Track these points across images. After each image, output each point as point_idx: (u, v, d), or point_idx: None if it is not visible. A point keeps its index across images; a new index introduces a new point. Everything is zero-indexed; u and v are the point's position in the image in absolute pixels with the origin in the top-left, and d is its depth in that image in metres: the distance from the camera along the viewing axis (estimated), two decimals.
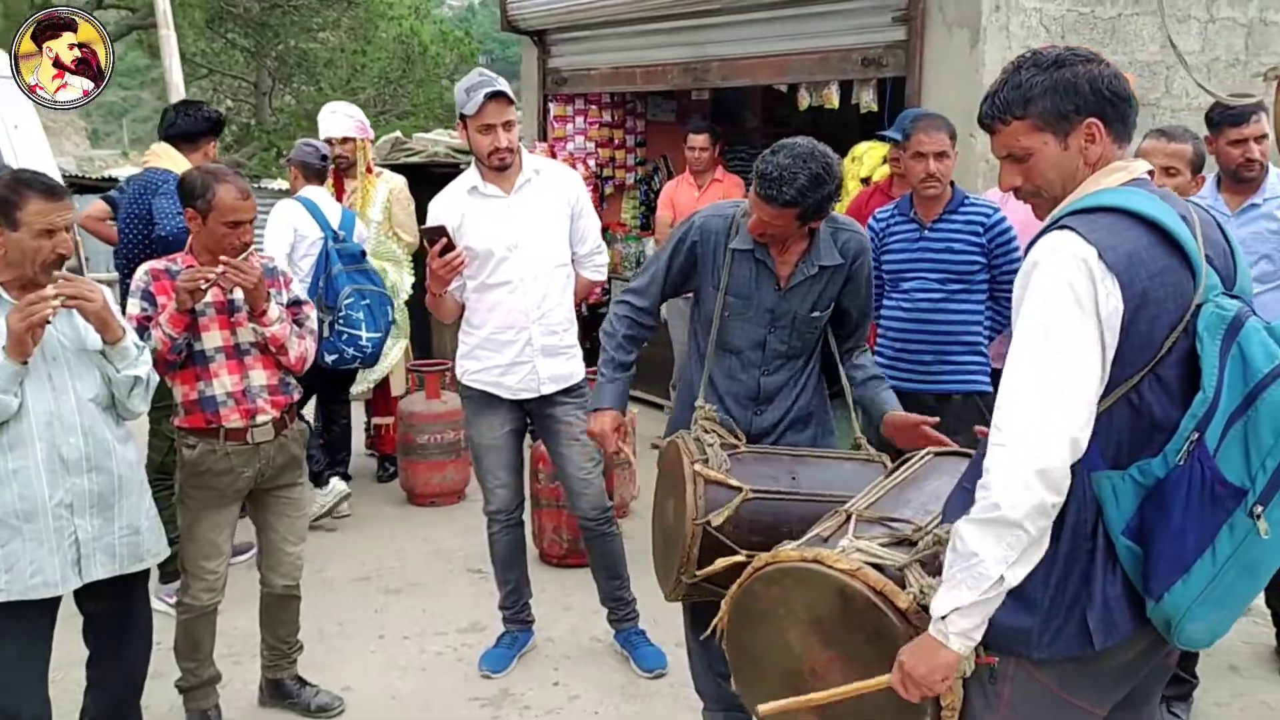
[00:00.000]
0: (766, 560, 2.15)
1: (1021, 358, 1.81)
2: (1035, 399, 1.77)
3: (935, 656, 1.85)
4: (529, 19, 7.49)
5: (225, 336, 3.41)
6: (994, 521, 1.77)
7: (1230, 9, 6.34)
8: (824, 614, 2.07)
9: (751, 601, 2.19)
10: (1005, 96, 1.95)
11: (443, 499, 5.80)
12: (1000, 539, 1.77)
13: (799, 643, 2.12)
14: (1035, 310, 1.80)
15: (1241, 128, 3.51)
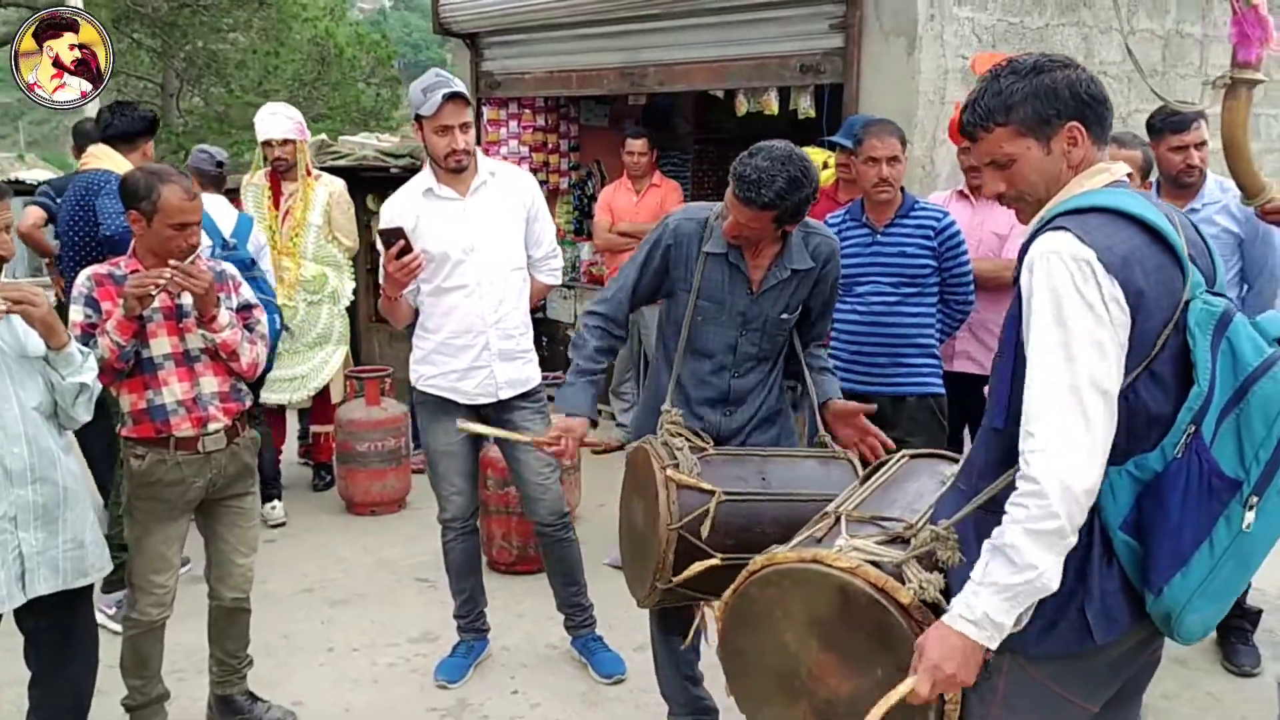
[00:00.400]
0: (762, 563, 2.15)
1: (1047, 363, 1.80)
2: (1064, 406, 1.78)
3: (976, 657, 1.86)
4: (462, 21, 7.41)
5: (174, 343, 3.31)
6: (1051, 533, 1.77)
7: (1149, 21, 6.56)
8: (823, 614, 2.07)
9: (747, 606, 2.18)
10: (986, 104, 1.98)
11: (383, 508, 5.70)
12: (1053, 548, 1.78)
13: (797, 644, 2.12)
14: (1048, 317, 1.81)
15: (1183, 134, 3.63)
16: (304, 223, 5.58)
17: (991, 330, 4.19)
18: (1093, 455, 1.79)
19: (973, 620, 1.85)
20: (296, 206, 5.56)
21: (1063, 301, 1.80)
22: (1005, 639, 1.93)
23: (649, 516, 2.76)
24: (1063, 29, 6.07)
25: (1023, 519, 1.80)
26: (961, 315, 4.04)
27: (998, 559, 1.83)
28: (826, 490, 2.82)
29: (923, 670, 1.89)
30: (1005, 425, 1.94)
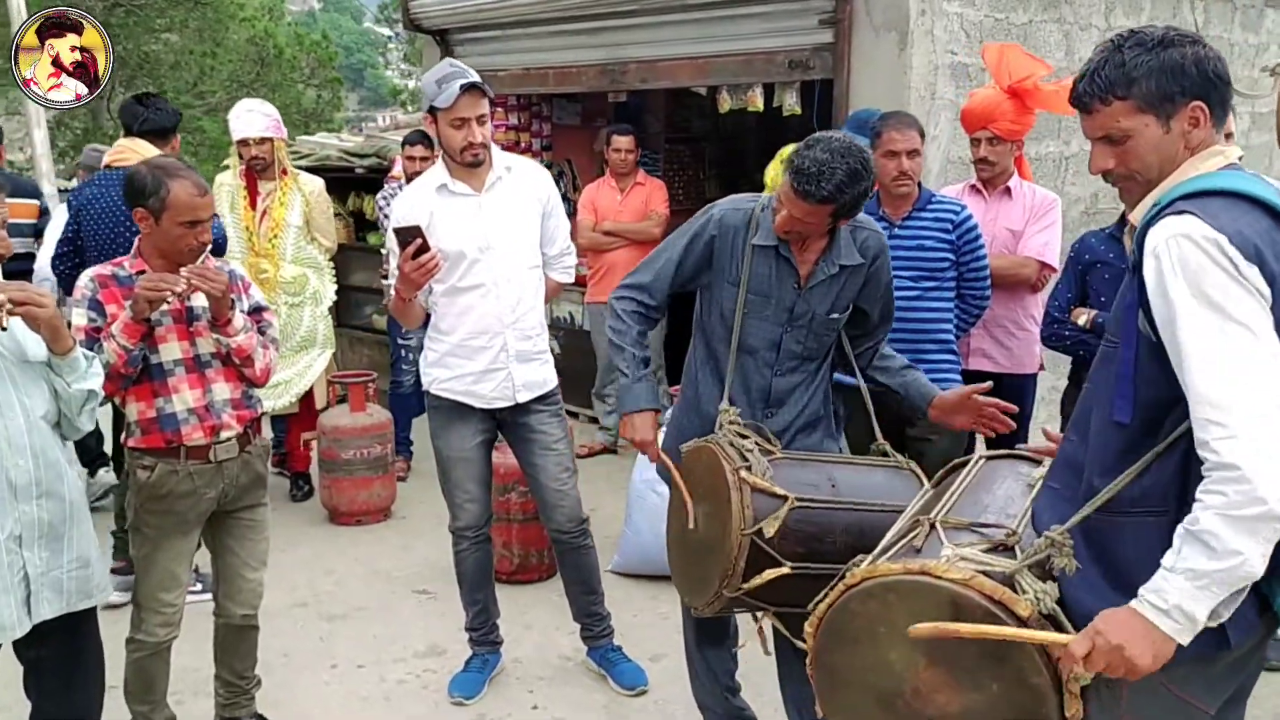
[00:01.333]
0: (863, 575, 2.05)
1: (1203, 343, 1.71)
2: (1250, 387, 1.68)
3: (1166, 649, 1.75)
4: (433, 17, 7.23)
5: (185, 348, 3.13)
6: (1255, 518, 1.66)
7: (1125, 19, 6.60)
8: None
9: (846, 620, 2.07)
10: (1107, 75, 1.89)
11: (369, 517, 5.52)
12: (1259, 534, 1.67)
13: (901, 661, 2.02)
14: (1198, 304, 1.72)
15: None
16: (283, 223, 5.38)
17: (1006, 327, 4.15)
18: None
19: (1163, 609, 1.73)
20: (274, 207, 5.36)
21: (1206, 283, 1.72)
22: None
23: (715, 520, 2.65)
24: (1045, 25, 6.08)
25: (1220, 505, 1.68)
26: (978, 311, 3.99)
27: (1192, 545, 1.71)
28: (896, 500, 2.73)
29: (1086, 633, 1.78)
30: (1131, 419, 1.85)
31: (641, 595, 4.52)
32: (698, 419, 2.96)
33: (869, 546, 2.63)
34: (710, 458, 2.72)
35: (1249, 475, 1.66)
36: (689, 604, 2.83)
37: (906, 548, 2.12)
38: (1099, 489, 1.90)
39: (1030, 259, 4.07)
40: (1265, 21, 7.76)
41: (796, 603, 2.75)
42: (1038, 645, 1.86)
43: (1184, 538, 1.74)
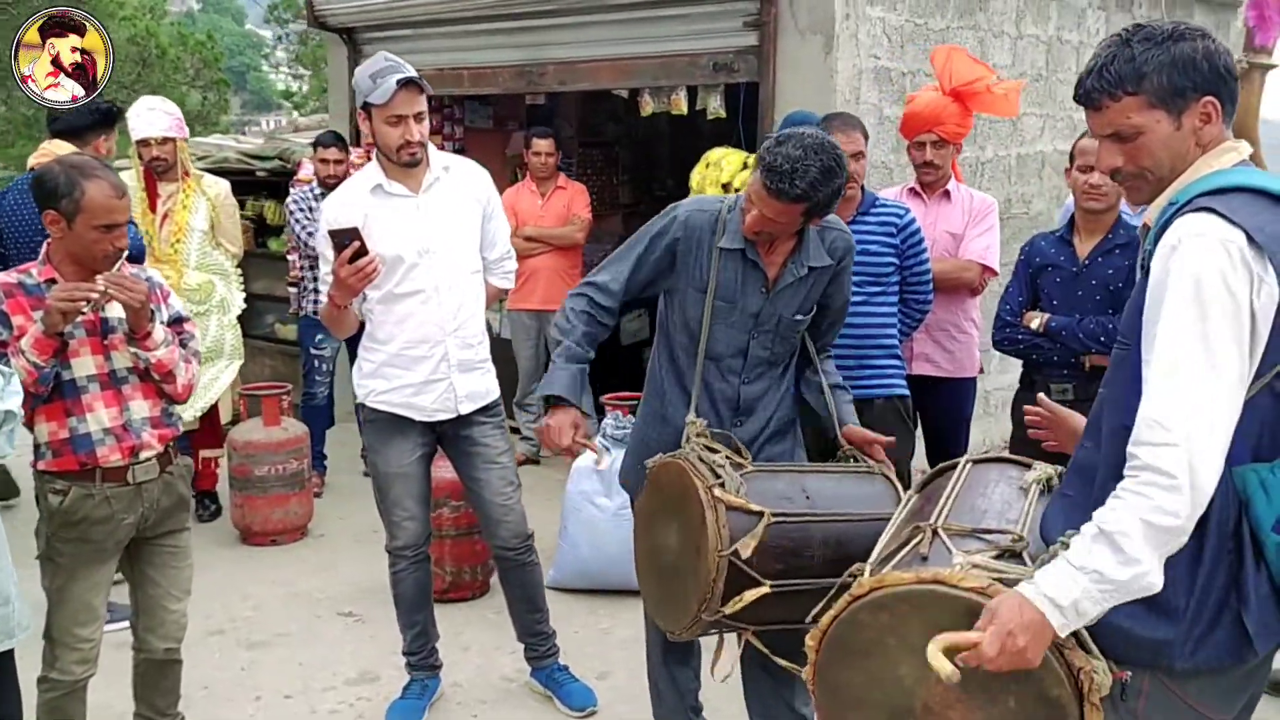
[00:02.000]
0: (871, 585, 1.94)
1: (1180, 355, 1.67)
2: (1202, 403, 1.66)
3: (1046, 638, 1.71)
4: (339, 15, 6.97)
5: (99, 363, 2.89)
6: (1170, 530, 1.64)
7: (1034, 27, 6.72)
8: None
9: (853, 634, 1.97)
10: (1116, 70, 1.82)
11: (285, 536, 5.25)
12: (1163, 546, 1.65)
13: (913, 675, 1.91)
14: (1188, 302, 1.68)
15: None
16: (186, 228, 5.08)
17: (948, 331, 4.13)
18: (1219, 459, 1.68)
19: (1059, 605, 1.69)
20: (177, 210, 5.06)
21: (1204, 289, 1.67)
22: (1148, 657, 1.80)
23: (689, 541, 2.52)
24: (962, 31, 6.14)
25: (1143, 508, 1.65)
26: (920, 315, 3.95)
27: (1102, 545, 1.68)
28: (872, 509, 2.66)
29: (993, 632, 1.71)
30: None
31: (581, 610, 4.37)
32: (667, 430, 2.83)
33: (848, 558, 2.54)
34: (680, 473, 2.59)
35: (1180, 486, 1.64)
36: (665, 628, 2.69)
37: (912, 555, 2.02)
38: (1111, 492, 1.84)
39: (972, 262, 4.06)
40: None
41: (775, 620, 2.65)
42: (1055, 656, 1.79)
43: (1095, 537, 1.70)
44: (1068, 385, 3.40)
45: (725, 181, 5.38)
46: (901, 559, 2.02)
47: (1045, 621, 1.69)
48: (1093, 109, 1.88)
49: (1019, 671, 1.82)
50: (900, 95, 5.80)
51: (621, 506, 4.44)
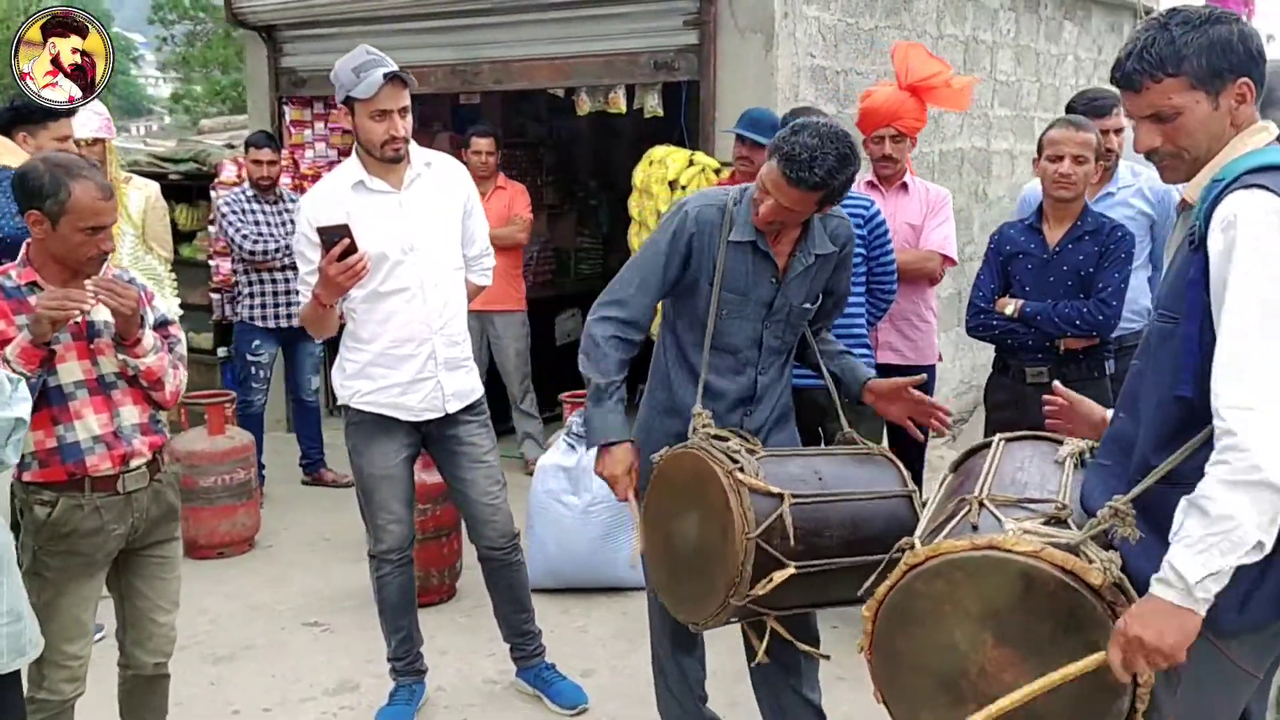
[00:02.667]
0: (928, 554, 2.00)
1: (1254, 320, 1.75)
2: (1276, 364, 1.74)
3: (1187, 624, 1.77)
4: (259, 12, 6.78)
5: (86, 368, 2.77)
6: (1254, 484, 1.70)
7: (953, 27, 6.93)
8: (1002, 604, 1.94)
9: (910, 602, 2.02)
10: (1157, 52, 1.90)
11: (233, 548, 5.10)
12: (1257, 502, 1.71)
13: (967, 641, 1.98)
14: (1258, 269, 1.76)
15: (1104, 119, 3.79)
16: (117, 231, 4.88)
17: (910, 320, 4.23)
18: None
19: (1161, 577, 1.77)
20: None
21: (1270, 254, 1.76)
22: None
23: (713, 527, 2.53)
24: (888, 30, 6.29)
25: (1222, 473, 1.73)
26: (885, 304, 4.04)
27: (1192, 515, 1.76)
28: (881, 488, 2.72)
29: (1114, 642, 1.80)
30: (1194, 393, 1.87)
31: (554, 611, 4.34)
32: (676, 421, 2.84)
33: (864, 538, 2.61)
34: (695, 462, 2.60)
35: (1248, 444, 1.72)
36: (687, 619, 2.70)
37: (962, 525, 2.07)
38: (1155, 464, 1.92)
39: (934, 252, 4.17)
40: (1063, 33, 8.33)
41: (792, 605, 2.69)
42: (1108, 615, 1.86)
43: (1185, 509, 1.79)
44: (1043, 369, 3.51)
45: (672, 179, 5.40)
46: (952, 529, 2.08)
47: (1160, 603, 1.76)
48: (1132, 90, 1.95)
49: (1072, 630, 1.89)
50: (835, 93, 5.92)
51: (590, 504, 4.44)
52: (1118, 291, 3.44)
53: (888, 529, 2.56)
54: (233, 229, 5.66)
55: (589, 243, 8.73)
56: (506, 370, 6.06)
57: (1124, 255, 3.48)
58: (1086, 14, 8.55)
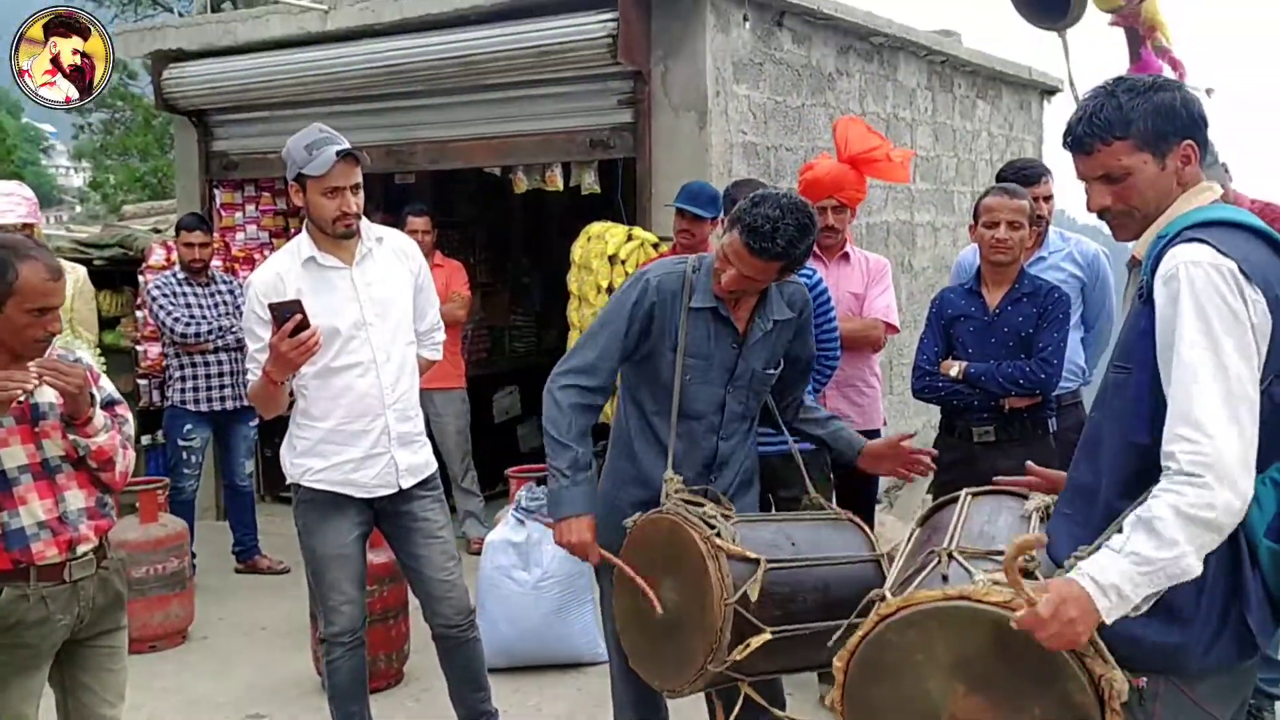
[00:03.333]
0: (900, 604, 2.01)
1: (1197, 366, 1.83)
2: (1223, 404, 1.81)
3: (1094, 622, 1.81)
4: (190, 97, 6.75)
5: (30, 452, 2.69)
6: (1203, 522, 1.77)
7: (874, 104, 7.17)
8: (973, 654, 1.96)
9: (882, 652, 2.03)
10: (1106, 117, 2.00)
11: (166, 641, 4.91)
12: (1199, 537, 1.78)
13: (939, 690, 1.99)
14: (1195, 318, 1.84)
15: (1034, 187, 3.94)
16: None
17: (857, 386, 4.30)
18: (1249, 464, 1.83)
19: (1100, 585, 1.81)
20: None
21: (1208, 309, 1.84)
22: (1162, 662, 1.91)
23: (691, 593, 2.52)
24: (814, 108, 6.49)
25: (1175, 500, 1.79)
26: (830, 371, 4.10)
27: (1140, 531, 1.81)
28: (854, 552, 2.74)
29: (1047, 599, 1.82)
30: (1149, 439, 1.93)
31: (506, 690, 4.24)
32: (642, 490, 2.84)
33: (836, 602, 2.63)
34: (671, 528, 2.60)
35: (1210, 483, 1.79)
36: (663, 686, 2.67)
37: (933, 576, 2.10)
38: (1120, 509, 1.97)
39: (878, 320, 4.26)
40: (977, 111, 8.65)
41: (767, 670, 2.69)
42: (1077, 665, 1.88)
43: (1133, 524, 1.84)
44: (989, 428, 3.59)
45: (611, 253, 5.45)
46: (923, 580, 2.10)
47: (1089, 598, 1.80)
48: (1083, 153, 2.05)
49: (1044, 680, 1.91)
50: (766, 168, 6.07)
51: (541, 578, 4.38)
52: (1058, 350, 3.55)
53: (859, 594, 2.56)
54: (164, 312, 5.55)
55: (523, 320, 8.74)
56: (447, 448, 6.00)
57: (1061, 316, 3.59)
58: (997, 93, 8.91)
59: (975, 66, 8.26)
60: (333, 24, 6.32)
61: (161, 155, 18.18)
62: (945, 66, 7.93)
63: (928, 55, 7.62)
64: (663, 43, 5.58)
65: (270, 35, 6.54)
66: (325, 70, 6.26)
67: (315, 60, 6.29)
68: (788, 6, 6.02)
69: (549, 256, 8.54)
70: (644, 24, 5.55)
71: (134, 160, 19.16)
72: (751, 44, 5.87)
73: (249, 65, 6.51)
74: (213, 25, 6.97)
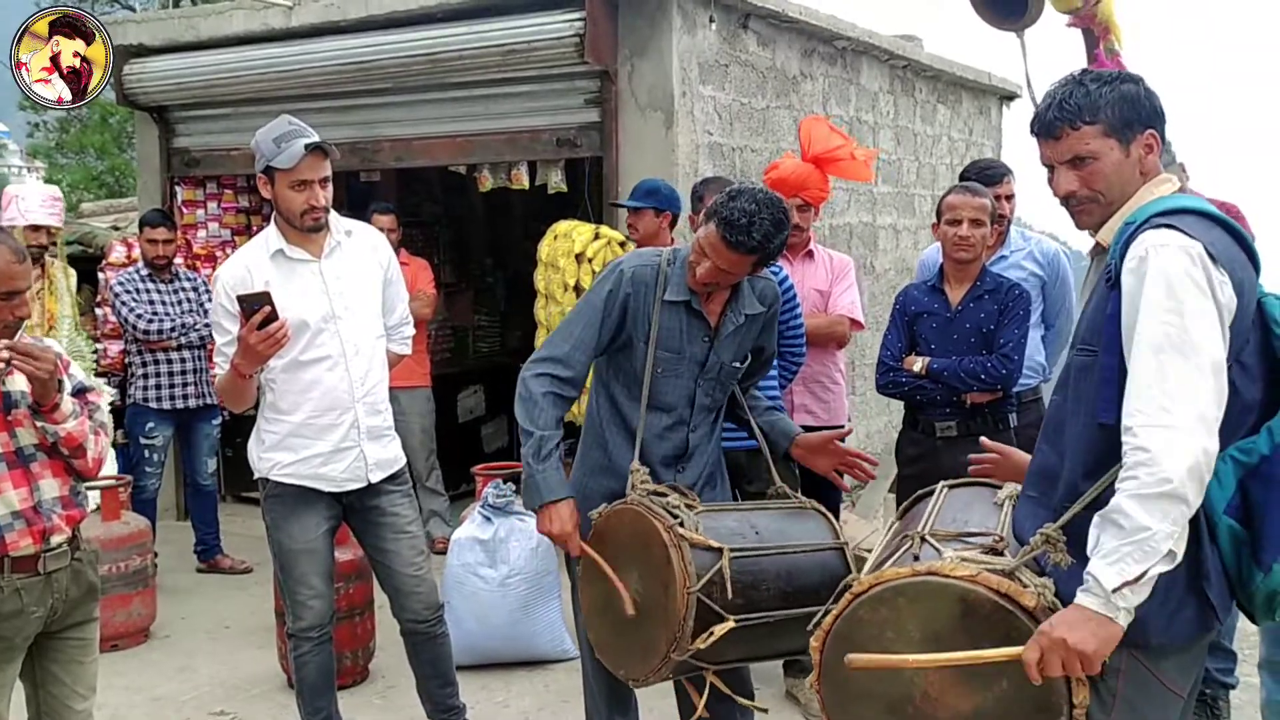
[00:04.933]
0: (870, 582, 2.06)
1: (1161, 344, 1.88)
2: (1188, 382, 1.86)
3: (1108, 632, 1.85)
4: (151, 93, 6.69)
5: (4, 440, 2.68)
6: (1163, 496, 1.81)
7: (838, 108, 7.24)
8: (942, 628, 2.00)
9: (855, 629, 2.07)
10: (1076, 102, 2.06)
11: (127, 640, 4.87)
12: (1167, 513, 1.81)
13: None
14: (1163, 299, 1.89)
15: (996, 186, 4.00)
16: (57, 315, 4.76)
17: (822, 382, 4.35)
18: (1210, 423, 1.87)
19: (1084, 588, 1.86)
20: (45, 297, 4.73)
21: (1176, 285, 1.89)
22: (1130, 633, 1.96)
23: (654, 582, 2.55)
24: (779, 110, 6.56)
25: (1132, 488, 1.84)
26: (796, 368, 4.14)
27: (1107, 529, 1.86)
28: (817, 540, 2.79)
29: (1033, 641, 1.88)
30: (1114, 420, 1.98)
31: (473, 687, 4.24)
32: (612, 480, 2.86)
33: (799, 590, 2.67)
34: (635, 519, 2.64)
35: (1158, 458, 1.84)
36: (628, 675, 2.70)
37: (904, 557, 2.15)
38: (1084, 490, 2.02)
39: (843, 317, 4.31)
40: (937, 115, 8.76)
41: (731, 658, 2.72)
42: None
43: (1099, 524, 1.89)
44: (951, 423, 3.65)
45: (578, 252, 5.47)
46: (894, 562, 2.15)
47: (1083, 610, 1.85)
48: (1051, 138, 2.10)
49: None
50: (731, 168, 6.11)
51: (508, 576, 4.40)
52: (1019, 346, 3.62)
53: (822, 581, 2.63)
54: (126, 309, 5.50)
55: (486, 320, 8.74)
56: (411, 447, 5.94)
57: (1022, 313, 3.66)
58: (957, 98, 9.03)
59: (936, 71, 8.36)
60: (297, 20, 6.30)
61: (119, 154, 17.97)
62: (907, 71, 8.03)
63: (890, 60, 7.71)
64: (629, 43, 5.61)
65: (234, 31, 6.50)
66: (289, 67, 6.23)
67: (279, 56, 6.26)
68: (753, 9, 6.08)
69: (513, 257, 8.56)
70: (611, 24, 5.57)
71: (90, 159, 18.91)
72: (717, 45, 5.91)
73: (212, 61, 6.46)
74: (175, 20, 6.94)
